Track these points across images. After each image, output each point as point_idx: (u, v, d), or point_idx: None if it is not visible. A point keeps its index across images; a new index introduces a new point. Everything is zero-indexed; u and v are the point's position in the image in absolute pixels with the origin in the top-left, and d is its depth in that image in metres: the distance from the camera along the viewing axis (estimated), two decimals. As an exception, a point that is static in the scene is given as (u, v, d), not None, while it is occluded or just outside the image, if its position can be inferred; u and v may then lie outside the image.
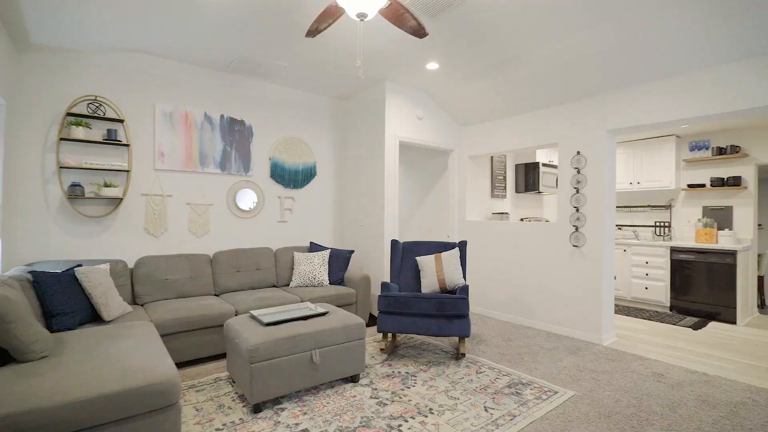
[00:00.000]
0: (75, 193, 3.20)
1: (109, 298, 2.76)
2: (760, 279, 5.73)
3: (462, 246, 3.65)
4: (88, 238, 3.35)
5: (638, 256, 5.23)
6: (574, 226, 3.86)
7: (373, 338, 3.74)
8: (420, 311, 3.09)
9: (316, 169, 4.77)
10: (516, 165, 5.60)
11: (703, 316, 4.72)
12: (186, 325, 2.96)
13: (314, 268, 4.05)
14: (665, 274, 4.99)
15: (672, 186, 5.20)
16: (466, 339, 3.74)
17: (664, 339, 3.86)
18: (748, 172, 4.87)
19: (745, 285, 4.65)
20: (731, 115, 3.03)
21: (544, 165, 5.36)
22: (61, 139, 3.15)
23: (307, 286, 4.00)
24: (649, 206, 5.68)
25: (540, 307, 4.15)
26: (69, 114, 3.19)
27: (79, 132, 3.18)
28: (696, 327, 4.31)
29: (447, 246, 3.77)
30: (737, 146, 4.86)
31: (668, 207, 5.49)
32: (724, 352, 3.52)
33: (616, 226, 6.00)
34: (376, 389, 2.64)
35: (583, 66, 3.42)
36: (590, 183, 3.77)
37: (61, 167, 3.17)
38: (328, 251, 4.23)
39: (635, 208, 5.84)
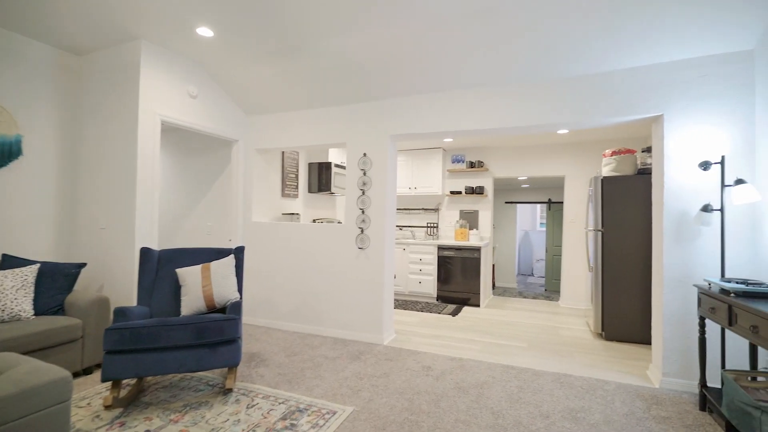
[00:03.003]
0: None
1: None
2: (493, 267, 7.33)
3: (238, 252, 3.06)
4: None
5: (414, 254, 5.83)
6: (359, 228, 3.84)
7: (106, 387, 2.71)
8: (171, 343, 2.34)
9: (21, 145, 3.23)
10: (309, 164, 5.36)
11: (459, 303, 5.61)
12: None
13: (4, 293, 2.66)
14: (434, 269, 5.72)
15: (439, 192, 6.03)
16: (239, 366, 3.18)
17: (431, 329, 4.30)
18: (488, 183, 6.10)
19: (485, 273, 5.78)
20: (478, 132, 3.54)
21: (337, 166, 5.32)
22: None
23: (-14, 323, 2.58)
24: (423, 209, 6.46)
25: (328, 313, 3.98)
26: None
27: None
28: (454, 313, 5.05)
29: (220, 253, 3.11)
30: (482, 161, 6.03)
31: (436, 210, 6.37)
32: (473, 333, 4.17)
33: (398, 226, 6.59)
34: (84, 475, 1.78)
35: (369, 68, 3.38)
36: (375, 185, 3.82)
37: None
38: (37, 266, 2.89)
39: (413, 211, 6.54)
